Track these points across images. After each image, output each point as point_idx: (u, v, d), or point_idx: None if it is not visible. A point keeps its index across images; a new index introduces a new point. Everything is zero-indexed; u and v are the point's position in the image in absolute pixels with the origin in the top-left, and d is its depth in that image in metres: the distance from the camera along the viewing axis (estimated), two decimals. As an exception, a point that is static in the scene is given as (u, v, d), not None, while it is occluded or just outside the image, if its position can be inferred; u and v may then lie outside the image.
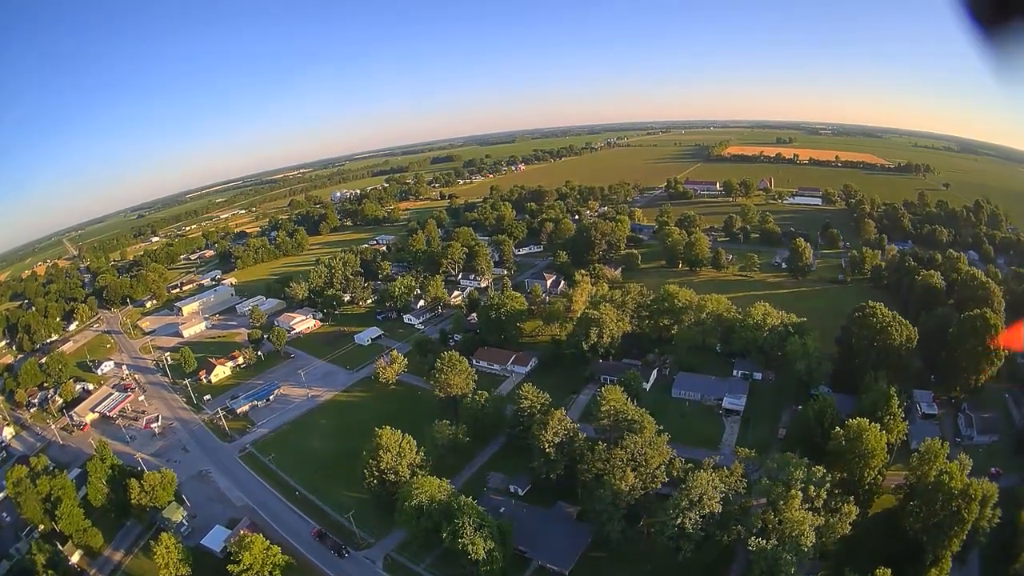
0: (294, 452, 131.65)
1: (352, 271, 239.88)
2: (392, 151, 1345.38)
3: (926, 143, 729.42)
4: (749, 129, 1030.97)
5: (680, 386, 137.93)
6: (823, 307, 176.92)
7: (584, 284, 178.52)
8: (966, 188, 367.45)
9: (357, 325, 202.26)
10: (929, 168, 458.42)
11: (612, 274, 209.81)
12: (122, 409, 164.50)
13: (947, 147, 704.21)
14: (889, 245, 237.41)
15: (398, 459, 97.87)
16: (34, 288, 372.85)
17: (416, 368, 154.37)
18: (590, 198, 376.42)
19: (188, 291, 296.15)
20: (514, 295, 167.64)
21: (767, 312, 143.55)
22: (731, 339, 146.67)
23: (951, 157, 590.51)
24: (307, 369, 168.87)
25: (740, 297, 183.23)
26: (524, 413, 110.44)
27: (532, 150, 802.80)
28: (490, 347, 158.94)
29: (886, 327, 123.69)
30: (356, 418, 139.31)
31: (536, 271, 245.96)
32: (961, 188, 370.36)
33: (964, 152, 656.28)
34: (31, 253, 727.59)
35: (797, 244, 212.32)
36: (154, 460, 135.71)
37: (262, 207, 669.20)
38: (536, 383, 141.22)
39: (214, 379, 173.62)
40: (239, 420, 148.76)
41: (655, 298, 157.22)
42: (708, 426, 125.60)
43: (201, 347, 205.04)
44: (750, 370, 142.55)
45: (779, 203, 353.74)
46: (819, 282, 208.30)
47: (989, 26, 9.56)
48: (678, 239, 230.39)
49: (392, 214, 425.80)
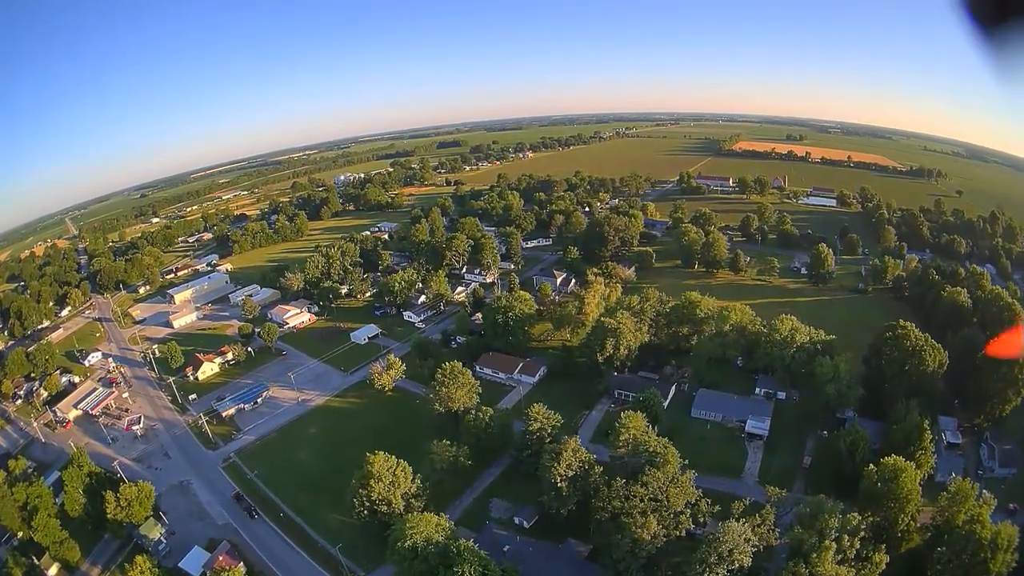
0: (280, 465, 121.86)
1: (351, 261, 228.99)
2: (399, 134, 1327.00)
3: (936, 147, 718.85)
4: (758, 124, 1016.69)
5: (701, 405, 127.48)
6: (845, 319, 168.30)
7: (597, 285, 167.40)
8: (978, 196, 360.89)
9: (354, 320, 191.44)
10: (941, 173, 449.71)
11: (626, 274, 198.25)
12: (105, 407, 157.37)
13: (956, 152, 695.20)
14: (909, 255, 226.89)
15: (391, 489, 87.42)
16: (31, 270, 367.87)
17: (415, 373, 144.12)
18: (601, 190, 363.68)
19: (183, 276, 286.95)
20: (523, 296, 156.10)
21: (795, 328, 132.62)
22: (755, 354, 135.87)
23: (961, 163, 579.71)
24: (299, 370, 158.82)
25: (760, 305, 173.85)
26: (533, 436, 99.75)
27: (540, 138, 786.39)
28: (495, 353, 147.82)
29: (919, 351, 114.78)
30: (348, 428, 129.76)
31: (545, 267, 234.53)
32: (974, 196, 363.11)
33: (973, 158, 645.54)
34: (33, 232, 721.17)
35: (820, 250, 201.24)
36: (134, 465, 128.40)
37: (264, 189, 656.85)
38: (545, 395, 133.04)
39: (201, 376, 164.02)
40: (224, 424, 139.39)
41: (675, 305, 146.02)
42: (730, 452, 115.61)
43: (191, 339, 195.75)
44: (774, 389, 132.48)
45: (794, 203, 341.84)
46: (840, 290, 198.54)
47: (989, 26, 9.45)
48: (695, 238, 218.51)
49: (396, 200, 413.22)
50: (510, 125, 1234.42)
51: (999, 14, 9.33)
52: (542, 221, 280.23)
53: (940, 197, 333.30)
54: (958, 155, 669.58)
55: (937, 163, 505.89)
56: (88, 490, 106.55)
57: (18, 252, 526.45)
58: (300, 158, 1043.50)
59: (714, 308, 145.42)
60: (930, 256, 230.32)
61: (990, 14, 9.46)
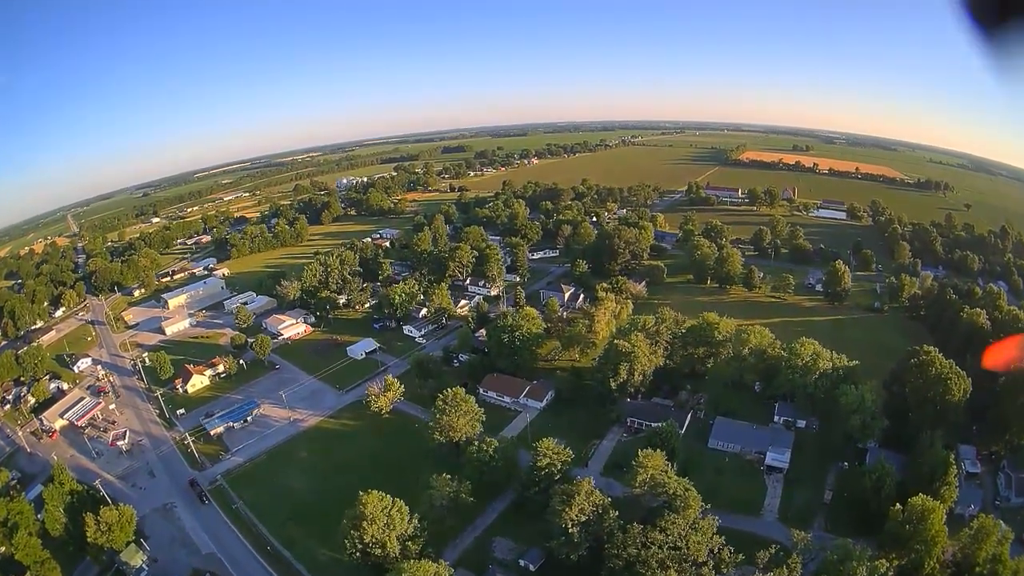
0: (269, 491, 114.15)
1: (350, 270, 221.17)
2: (404, 138, 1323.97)
3: (941, 159, 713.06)
4: (764, 134, 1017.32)
5: (718, 435, 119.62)
6: (862, 340, 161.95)
7: (608, 302, 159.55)
8: (987, 210, 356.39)
9: (351, 333, 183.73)
10: (949, 186, 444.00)
11: (637, 289, 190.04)
12: (92, 418, 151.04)
13: (961, 164, 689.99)
14: (924, 272, 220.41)
15: (386, 531, 79.61)
16: (28, 268, 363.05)
17: (414, 394, 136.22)
18: (608, 199, 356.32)
19: (179, 280, 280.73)
20: (530, 313, 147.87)
21: (817, 353, 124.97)
22: (775, 380, 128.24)
23: (967, 175, 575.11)
24: (292, 386, 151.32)
25: (776, 324, 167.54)
26: (541, 472, 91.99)
27: (545, 144, 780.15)
28: (500, 374, 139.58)
29: (944, 379, 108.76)
30: (342, 453, 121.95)
31: (552, 280, 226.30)
32: (982, 210, 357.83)
33: (979, 171, 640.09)
34: (35, 228, 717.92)
35: (836, 268, 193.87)
36: (118, 483, 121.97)
37: (266, 191, 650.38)
38: (553, 421, 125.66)
39: (191, 389, 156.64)
40: (212, 443, 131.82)
41: (691, 326, 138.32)
42: (748, 486, 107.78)
43: (182, 348, 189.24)
44: (793, 417, 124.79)
45: (804, 215, 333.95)
46: (856, 309, 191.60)
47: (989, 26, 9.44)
48: (708, 252, 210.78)
49: (399, 206, 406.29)
50: (515, 131, 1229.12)
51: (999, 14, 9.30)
52: (548, 231, 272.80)
53: (950, 211, 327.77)
54: (963, 167, 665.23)
55: (943, 175, 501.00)
56: (69, 509, 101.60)
57: (18, 248, 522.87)
58: (304, 160, 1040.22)
59: (732, 330, 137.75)
60: (943, 273, 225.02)
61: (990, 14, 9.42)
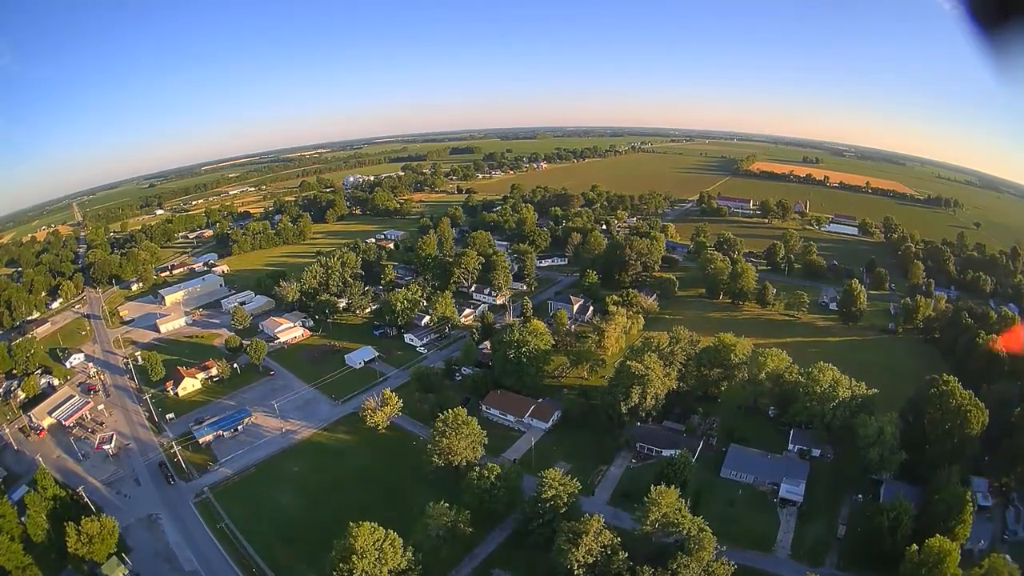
0: (257, 507, 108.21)
1: (352, 273, 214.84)
2: (412, 138, 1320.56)
3: (950, 176, 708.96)
4: (773, 144, 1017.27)
5: (732, 464, 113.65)
6: (877, 363, 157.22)
7: (619, 317, 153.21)
8: (996, 229, 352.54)
9: (350, 339, 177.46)
10: (958, 203, 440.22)
11: (648, 303, 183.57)
12: (80, 417, 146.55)
13: (969, 181, 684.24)
14: (938, 293, 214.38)
15: (377, 565, 73.51)
16: (28, 256, 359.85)
17: (413, 408, 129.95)
18: (619, 207, 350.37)
19: (177, 276, 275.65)
20: (538, 328, 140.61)
21: (836, 380, 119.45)
22: (791, 407, 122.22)
23: (975, 192, 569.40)
24: (285, 394, 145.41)
25: (790, 344, 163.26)
26: (545, 504, 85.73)
27: (554, 148, 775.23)
28: (505, 391, 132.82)
29: (964, 411, 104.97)
30: (336, 470, 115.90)
31: (560, 289, 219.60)
32: (992, 229, 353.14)
33: (986, 188, 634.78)
34: (40, 215, 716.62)
35: (852, 287, 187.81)
36: (103, 489, 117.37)
37: (272, 186, 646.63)
38: (558, 444, 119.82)
39: (181, 392, 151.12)
40: (200, 452, 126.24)
41: (706, 347, 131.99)
42: (761, 520, 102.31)
43: (176, 347, 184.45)
44: (808, 445, 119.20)
45: (816, 229, 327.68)
46: (870, 330, 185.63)
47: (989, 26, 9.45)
48: (721, 267, 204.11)
49: (405, 206, 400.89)
50: (524, 134, 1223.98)
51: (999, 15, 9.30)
52: (557, 238, 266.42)
53: (962, 230, 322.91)
54: (971, 184, 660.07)
55: (951, 192, 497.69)
56: (52, 515, 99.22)
57: (22, 235, 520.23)
58: (312, 156, 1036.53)
59: (748, 352, 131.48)
60: (955, 294, 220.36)
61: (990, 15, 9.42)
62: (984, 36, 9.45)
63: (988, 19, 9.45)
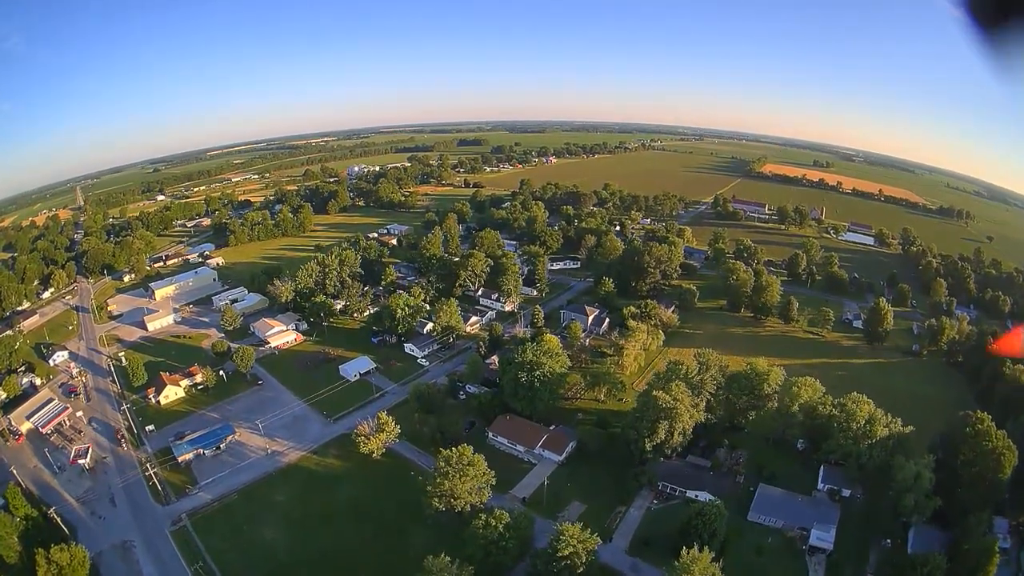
0: (239, 542, 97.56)
1: (350, 272, 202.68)
2: (420, 128, 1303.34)
3: (958, 185, 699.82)
4: (782, 146, 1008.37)
5: (760, 508, 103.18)
6: (904, 389, 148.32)
7: (639, 333, 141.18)
8: (1008, 244, 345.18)
9: (346, 346, 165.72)
10: (970, 215, 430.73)
11: (669, 317, 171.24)
12: (59, 424, 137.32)
13: (977, 192, 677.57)
14: (959, 312, 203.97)
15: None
16: (24, 242, 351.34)
17: (413, 431, 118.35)
18: (632, 207, 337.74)
19: (171, 267, 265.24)
20: (552, 346, 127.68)
21: (872, 417, 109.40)
22: (825, 443, 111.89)
23: (984, 204, 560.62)
24: (273, 411, 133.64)
25: (816, 366, 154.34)
26: (561, 564, 74.40)
27: (564, 143, 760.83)
28: (515, 417, 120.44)
29: (998, 455, 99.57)
30: (325, 500, 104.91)
31: (573, 297, 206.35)
32: (1004, 243, 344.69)
33: (994, 199, 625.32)
34: (43, 198, 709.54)
35: (879, 306, 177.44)
36: (77, 508, 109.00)
37: (276, 174, 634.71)
38: (572, 481, 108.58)
39: (163, 401, 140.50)
40: (179, 472, 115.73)
41: (736, 374, 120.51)
42: (789, 571, 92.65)
43: (162, 348, 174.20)
44: (839, 485, 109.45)
45: (833, 238, 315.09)
46: (895, 351, 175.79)
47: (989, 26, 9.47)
48: (744, 278, 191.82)
49: (410, 199, 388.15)
50: (533, 127, 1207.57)
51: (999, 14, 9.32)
52: (569, 239, 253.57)
53: (979, 245, 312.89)
54: (979, 195, 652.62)
55: (962, 202, 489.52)
56: (24, 536, 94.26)
57: (24, 218, 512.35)
58: (317, 144, 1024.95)
59: (781, 381, 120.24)
60: (974, 313, 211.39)
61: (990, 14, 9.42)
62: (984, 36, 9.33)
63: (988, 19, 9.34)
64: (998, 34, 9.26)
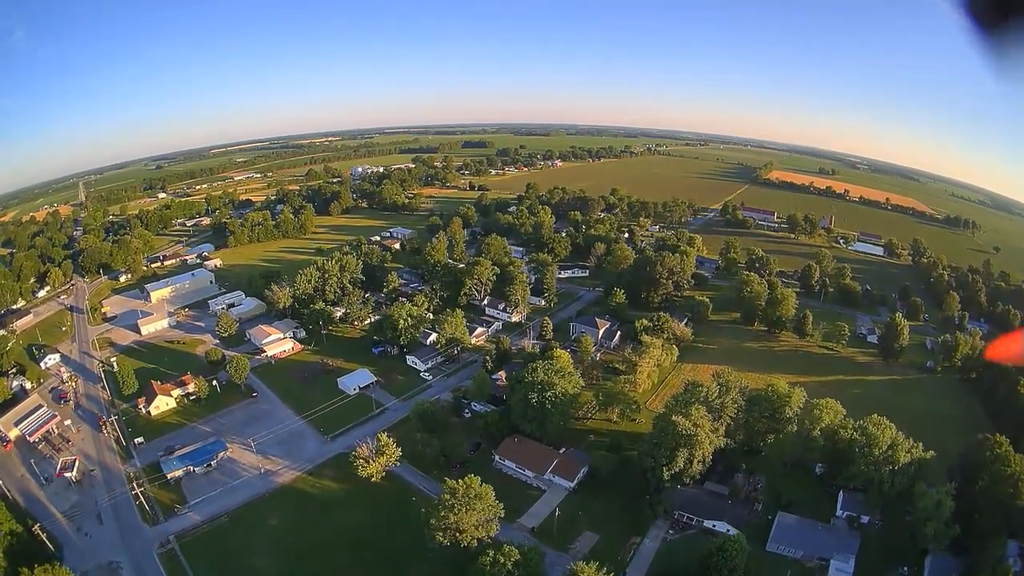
0: (227, 568, 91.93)
1: (351, 278, 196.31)
2: (424, 129, 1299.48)
3: (962, 194, 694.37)
4: (787, 153, 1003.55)
5: (779, 538, 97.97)
6: (920, 408, 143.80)
7: (654, 349, 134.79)
8: (1015, 254, 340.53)
9: (346, 356, 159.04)
10: (976, 225, 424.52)
11: (682, 331, 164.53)
12: (47, 432, 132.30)
13: (982, 201, 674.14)
14: (973, 327, 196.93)
15: None
16: (23, 238, 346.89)
17: (415, 451, 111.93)
18: (641, 213, 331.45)
19: (168, 267, 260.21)
20: (564, 366, 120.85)
21: (895, 442, 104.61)
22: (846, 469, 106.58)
23: (988, 213, 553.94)
24: (267, 425, 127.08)
25: (831, 383, 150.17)
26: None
27: (569, 147, 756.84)
28: (522, 438, 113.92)
29: (1016, 480, 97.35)
30: (319, 527, 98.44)
31: (583, 307, 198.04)
32: (1011, 254, 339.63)
33: (999, 209, 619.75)
34: (46, 193, 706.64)
35: (896, 321, 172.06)
36: (63, 522, 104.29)
37: (278, 173, 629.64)
38: (584, 506, 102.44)
39: (154, 411, 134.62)
40: (168, 489, 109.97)
41: (756, 396, 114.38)
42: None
43: (154, 353, 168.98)
44: (859, 511, 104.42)
45: (843, 248, 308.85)
46: (910, 368, 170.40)
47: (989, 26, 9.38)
48: (759, 291, 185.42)
49: (414, 201, 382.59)
50: (537, 130, 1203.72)
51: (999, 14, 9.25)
52: (578, 246, 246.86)
53: (987, 257, 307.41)
54: (983, 204, 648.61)
55: (967, 212, 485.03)
56: (8, 552, 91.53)
57: (25, 213, 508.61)
58: (321, 144, 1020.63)
59: (802, 404, 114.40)
60: (986, 327, 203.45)
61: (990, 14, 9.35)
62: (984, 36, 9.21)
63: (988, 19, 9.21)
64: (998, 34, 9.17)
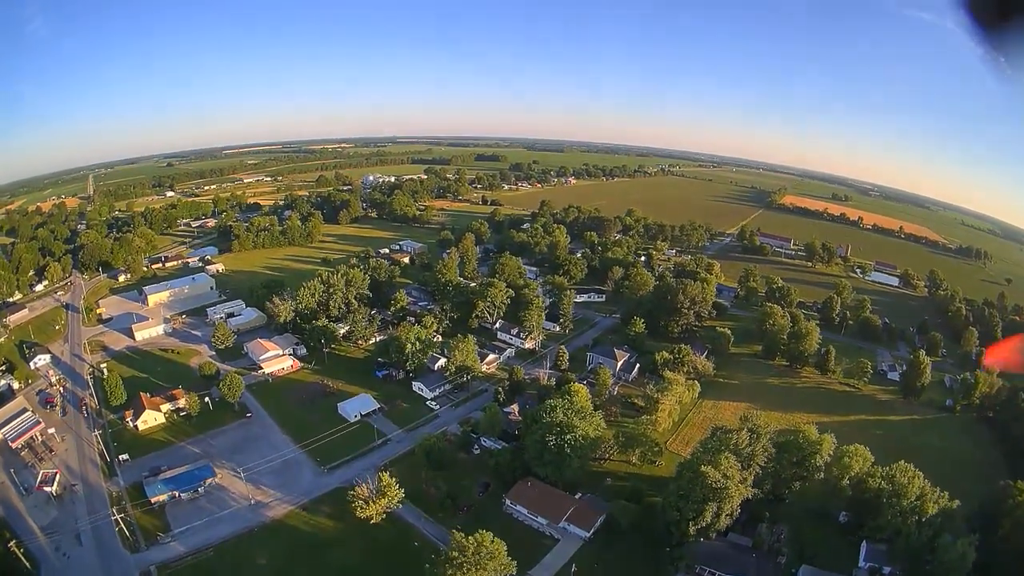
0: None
1: (357, 293, 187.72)
2: (437, 140, 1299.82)
3: (972, 223, 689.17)
4: (800, 178, 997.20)
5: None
6: (939, 450, 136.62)
7: (677, 386, 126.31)
8: None
9: (348, 378, 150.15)
10: (988, 255, 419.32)
11: (704, 365, 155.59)
12: (30, 439, 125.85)
13: (991, 230, 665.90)
14: None
15: None
16: (26, 229, 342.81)
17: (418, 490, 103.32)
18: (658, 236, 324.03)
19: (169, 269, 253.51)
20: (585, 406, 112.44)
21: (923, 492, 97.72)
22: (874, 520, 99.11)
23: (998, 243, 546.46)
24: (260, 451, 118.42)
25: (853, 423, 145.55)
26: None
27: (583, 164, 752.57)
28: (536, 482, 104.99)
29: None
30: (311, 571, 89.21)
31: (599, 335, 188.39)
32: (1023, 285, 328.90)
33: (1008, 239, 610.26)
34: (54, 184, 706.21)
35: (919, 359, 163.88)
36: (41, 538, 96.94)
37: (288, 178, 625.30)
38: (600, 559, 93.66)
39: (141, 426, 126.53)
40: (152, 515, 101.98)
41: (784, 443, 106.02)
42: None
43: (147, 361, 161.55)
44: (882, 563, 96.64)
45: (860, 278, 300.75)
46: (930, 407, 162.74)
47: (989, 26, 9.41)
48: (782, 324, 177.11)
49: (425, 214, 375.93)
50: (551, 146, 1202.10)
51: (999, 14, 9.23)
52: (594, 268, 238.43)
53: (1002, 290, 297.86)
54: (993, 233, 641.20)
55: (978, 241, 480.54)
56: None
57: (32, 203, 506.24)
58: (334, 150, 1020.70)
59: (832, 451, 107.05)
60: None
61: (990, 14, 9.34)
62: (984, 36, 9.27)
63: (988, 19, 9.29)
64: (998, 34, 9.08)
